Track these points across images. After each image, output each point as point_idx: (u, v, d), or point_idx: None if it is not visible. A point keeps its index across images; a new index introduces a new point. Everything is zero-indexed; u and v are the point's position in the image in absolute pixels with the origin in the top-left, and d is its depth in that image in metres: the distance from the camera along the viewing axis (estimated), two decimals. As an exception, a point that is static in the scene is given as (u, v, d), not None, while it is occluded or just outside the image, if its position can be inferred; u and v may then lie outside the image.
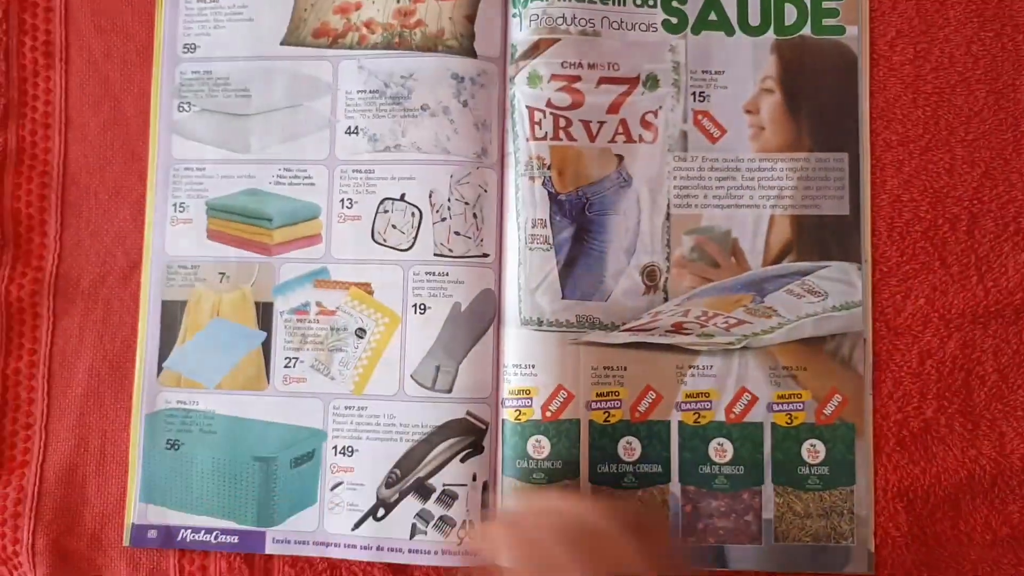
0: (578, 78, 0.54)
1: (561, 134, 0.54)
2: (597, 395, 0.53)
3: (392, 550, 0.53)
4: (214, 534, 0.54)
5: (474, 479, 0.53)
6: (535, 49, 0.54)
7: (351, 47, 0.56)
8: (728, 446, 0.53)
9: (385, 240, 0.55)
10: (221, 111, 0.57)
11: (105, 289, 0.57)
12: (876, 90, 0.54)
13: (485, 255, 0.54)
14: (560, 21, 0.54)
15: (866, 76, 0.54)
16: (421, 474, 0.53)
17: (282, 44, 0.57)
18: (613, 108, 0.54)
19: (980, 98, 0.53)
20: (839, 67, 0.55)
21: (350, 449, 0.54)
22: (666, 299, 0.53)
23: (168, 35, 0.58)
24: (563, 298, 0.53)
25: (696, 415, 0.53)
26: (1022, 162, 0.53)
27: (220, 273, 0.56)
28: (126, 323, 0.57)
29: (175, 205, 0.57)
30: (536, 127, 0.54)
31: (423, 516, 0.53)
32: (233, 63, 0.57)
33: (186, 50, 0.57)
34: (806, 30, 0.55)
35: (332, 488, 0.54)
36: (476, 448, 0.53)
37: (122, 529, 0.55)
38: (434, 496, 0.53)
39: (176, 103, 0.57)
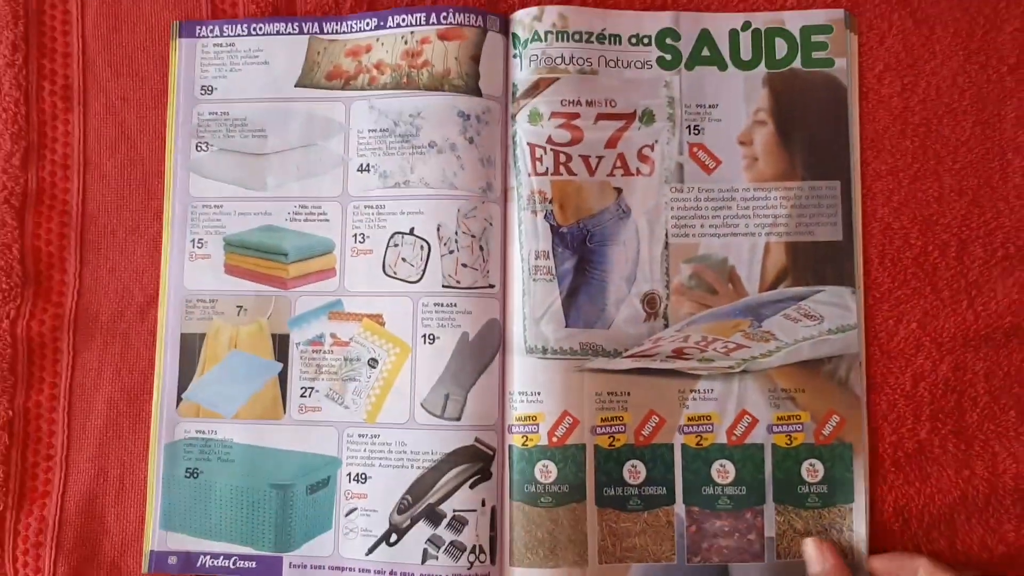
0: (577, 115, 0.56)
1: (561, 169, 0.56)
2: (602, 420, 0.55)
3: (404, 575, 0.54)
4: (232, 560, 0.56)
5: (483, 504, 0.54)
6: (535, 88, 0.56)
7: (362, 88, 0.58)
8: (730, 467, 0.55)
9: (395, 273, 0.57)
10: (238, 151, 0.59)
11: (123, 324, 0.59)
12: (866, 121, 0.56)
13: (491, 286, 0.56)
14: (559, 61, 0.56)
15: (855, 106, 0.57)
16: (432, 500, 0.54)
17: (297, 86, 0.59)
18: (611, 143, 0.56)
19: (967, 128, 0.56)
20: (829, 98, 0.57)
21: (363, 476, 0.56)
22: (666, 325, 0.55)
23: (184, 78, 0.60)
24: (567, 326, 0.55)
25: (698, 438, 0.55)
26: (1008, 189, 0.55)
27: (238, 306, 0.58)
28: (144, 356, 0.59)
29: (193, 241, 0.59)
30: (537, 163, 0.56)
31: (434, 541, 0.54)
32: (249, 104, 0.59)
33: (204, 92, 0.60)
34: (796, 63, 0.57)
35: (347, 514, 0.56)
36: (484, 474, 0.55)
37: (141, 557, 0.57)
38: (445, 522, 0.54)
39: (194, 143, 0.59)
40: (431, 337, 0.56)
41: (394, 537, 0.55)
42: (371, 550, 0.55)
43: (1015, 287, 0.54)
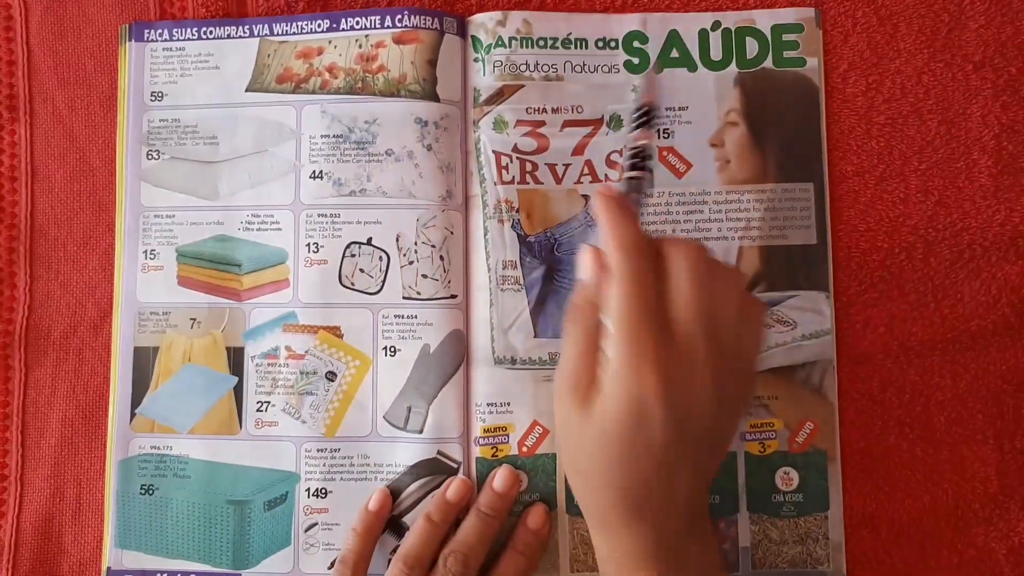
0: (543, 123, 0.58)
1: (528, 178, 0.58)
2: (571, 429, 0.57)
3: (368, 590, 0.55)
4: (190, 579, 0.58)
5: (446, 518, 0.56)
6: (499, 95, 0.58)
7: (314, 92, 0.60)
8: (701, 476, 0.57)
9: (353, 284, 0.58)
10: (190, 159, 0.61)
11: (76, 339, 0.61)
12: (831, 122, 0.59)
13: (453, 296, 0.58)
14: (523, 68, 0.58)
15: (824, 107, 0.59)
16: (395, 513, 0.57)
17: (247, 91, 0.61)
18: (578, 150, 0.58)
19: (932, 128, 0.58)
20: (801, 98, 0.59)
21: (323, 491, 0.57)
22: (637, 333, 0.58)
23: (134, 84, 0.61)
24: (536, 337, 0.57)
25: (668, 446, 0.57)
26: (974, 190, 0.58)
27: (191, 319, 0.60)
28: (98, 372, 0.60)
29: (145, 252, 0.60)
30: (503, 171, 0.58)
31: (398, 555, 0.56)
32: (201, 111, 0.61)
33: (153, 98, 0.61)
34: (767, 63, 0.59)
35: (307, 529, 0.58)
36: (448, 487, 0.56)
37: (99, 576, 0.58)
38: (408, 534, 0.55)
39: (145, 151, 0.61)
40: (392, 349, 0.58)
41: (357, 552, 0.56)
42: (333, 564, 0.56)
43: (981, 289, 0.57)
